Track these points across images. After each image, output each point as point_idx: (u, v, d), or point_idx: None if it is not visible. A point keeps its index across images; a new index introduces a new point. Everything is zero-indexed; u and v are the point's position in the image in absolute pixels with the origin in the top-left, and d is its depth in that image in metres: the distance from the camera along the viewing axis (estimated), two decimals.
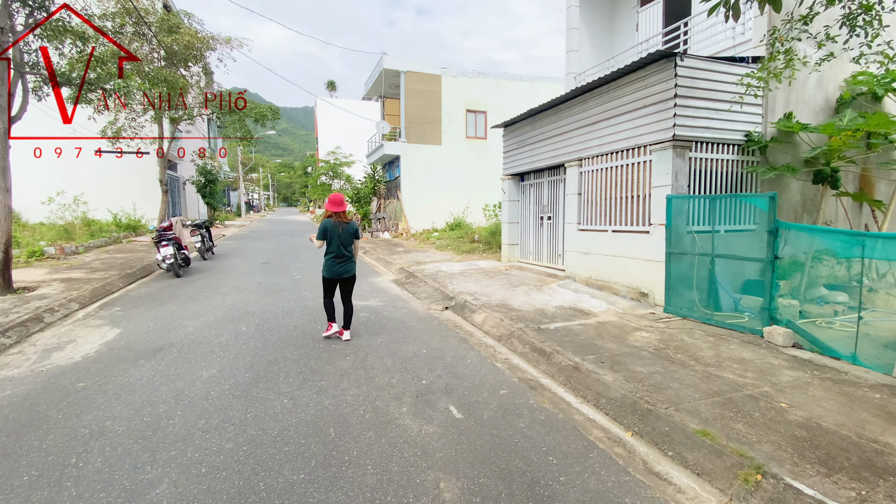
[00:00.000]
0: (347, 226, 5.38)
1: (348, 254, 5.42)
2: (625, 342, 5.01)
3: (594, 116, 7.72)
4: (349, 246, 5.42)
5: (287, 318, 6.39)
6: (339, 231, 5.31)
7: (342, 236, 5.32)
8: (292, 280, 9.36)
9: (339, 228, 5.30)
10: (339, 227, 5.31)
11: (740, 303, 6.40)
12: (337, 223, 5.30)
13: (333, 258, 5.38)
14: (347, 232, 5.37)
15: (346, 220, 5.39)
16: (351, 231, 5.40)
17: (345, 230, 5.35)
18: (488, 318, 6.05)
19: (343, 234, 5.33)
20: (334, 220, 5.31)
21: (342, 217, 5.37)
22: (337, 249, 5.34)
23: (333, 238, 5.30)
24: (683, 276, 6.31)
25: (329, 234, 5.30)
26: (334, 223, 5.30)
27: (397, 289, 8.66)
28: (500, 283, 8.51)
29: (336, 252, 5.35)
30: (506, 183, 11.02)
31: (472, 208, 20.69)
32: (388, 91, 22.94)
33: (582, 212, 8.24)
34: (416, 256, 12.80)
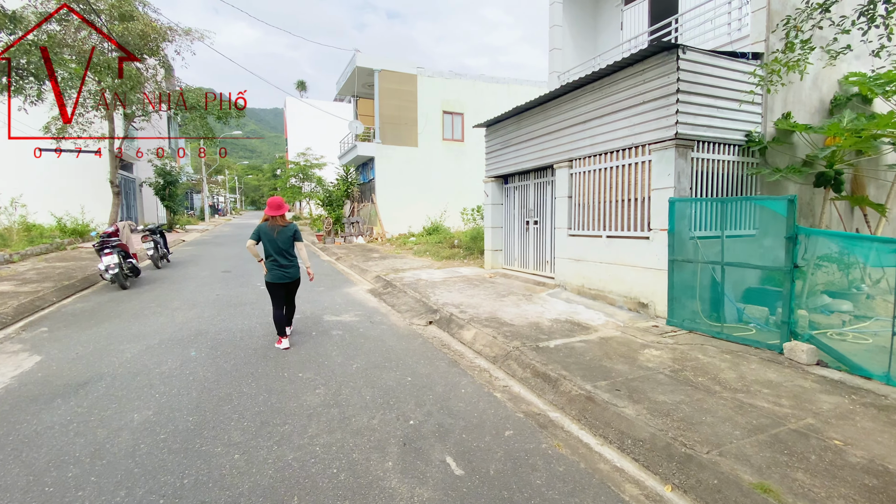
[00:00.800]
0: (285, 229, 5.23)
1: (289, 257, 5.28)
2: (636, 363, 4.44)
3: (586, 114, 7.22)
4: (288, 249, 5.27)
5: (246, 338, 5.53)
6: (275, 235, 5.17)
7: (279, 240, 5.17)
8: (255, 291, 8.44)
9: (274, 232, 5.17)
10: (275, 231, 5.18)
11: (744, 313, 6.00)
12: (272, 226, 5.18)
13: (272, 262, 5.24)
14: (285, 235, 5.22)
15: (283, 224, 5.24)
16: (289, 234, 5.25)
17: (281, 233, 5.19)
18: (479, 335, 5.39)
19: (280, 237, 5.18)
20: (270, 224, 5.19)
21: (279, 221, 5.22)
22: (275, 253, 5.21)
23: (270, 242, 5.17)
24: (688, 286, 5.84)
25: (263, 238, 5.18)
26: (270, 226, 5.18)
27: (374, 300, 7.89)
28: (486, 292, 7.87)
29: (274, 256, 5.22)
30: (488, 185, 10.43)
31: (449, 212, 20.06)
32: (362, 91, 22.08)
33: (573, 216, 7.71)
34: (393, 263, 12.02)
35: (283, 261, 5.24)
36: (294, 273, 5.34)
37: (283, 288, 5.32)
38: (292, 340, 5.42)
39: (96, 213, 17.90)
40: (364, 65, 19.24)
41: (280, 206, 5.30)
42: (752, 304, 6.05)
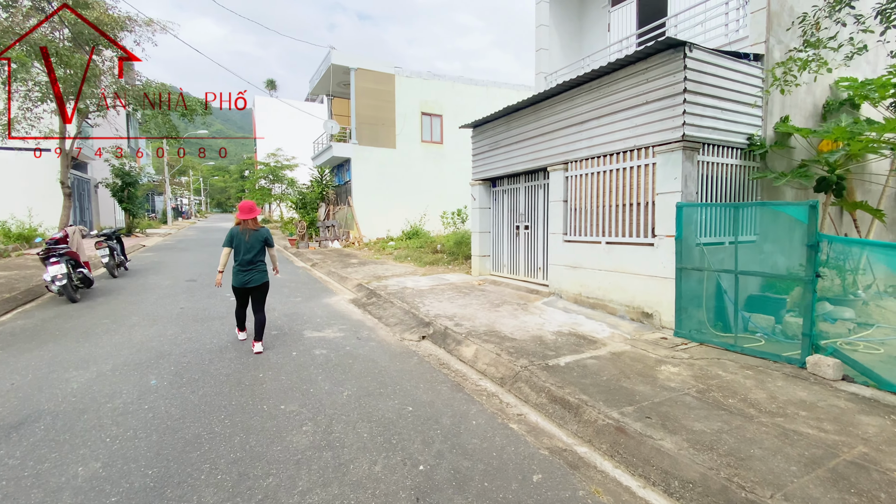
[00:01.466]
0: (256, 233, 5.21)
1: (255, 262, 5.23)
2: (656, 382, 4.08)
3: (583, 115, 6.89)
4: (257, 254, 5.23)
5: (217, 360, 4.86)
6: (246, 238, 5.16)
7: (249, 244, 5.16)
8: (225, 303, 7.68)
9: (245, 236, 5.16)
10: (247, 235, 5.17)
11: (749, 321, 5.78)
12: (244, 230, 5.18)
13: (239, 266, 5.20)
14: (256, 239, 5.20)
15: (254, 228, 5.23)
16: (260, 238, 5.23)
17: (252, 237, 5.18)
18: (481, 353, 4.91)
19: (251, 241, 5.17)
20: (241, 228, 5.18)
21: (250, 224, 5.22)
22: (243, 258, 5.16)
23: (240, 245, 5.15)
24: (694, 295, 5.56)
25: (235, 242, 5.16)
26: (241, 230, 5.17)
27: (358, 312, 7.29)
28: (478, 302, 7.41)
29: (241, 260, 5.17)
30: (476, 189, 10.00)
31: (429, 216, 19.56)
32: (337, 89, 21.33)
33: (569, 221, 7.37)
34: (374, 269, 11.41)
35: (250, 266, 5.20)
36: (260, 278, 5.26)
37: (249, 293, 5.33)
38: (270, 363, 4.79)
39: (46, 216, 16.45)
40: (340, 62, 18.54)
41: (252, 209, 5.24)
42: (754, 313, 5.84)
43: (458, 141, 21.31)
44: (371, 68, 19.17)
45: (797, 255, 5.70)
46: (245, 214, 5.18)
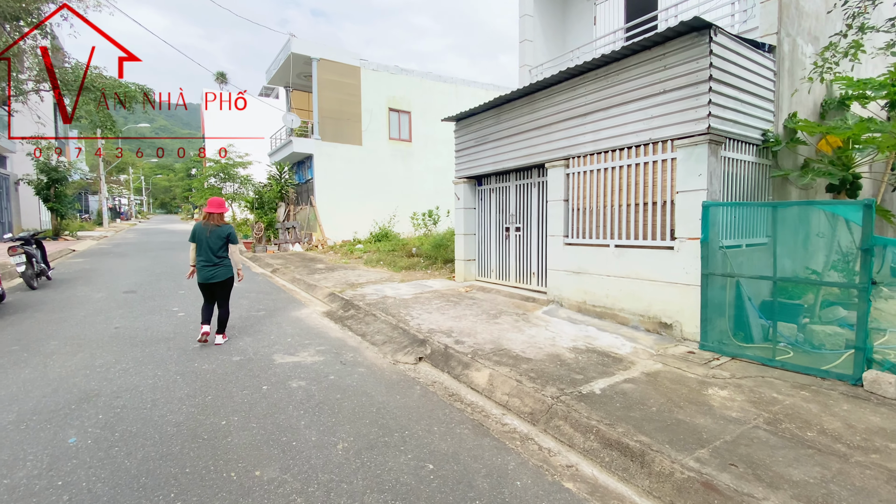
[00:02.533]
0: (218, 229, 5.30)
1: (217, 258, 5.29)
2: (713, 411, 3.46)
3: (587, 106, 6.29)
4: (218, 250, 5.29)
5: (163, 401, 3.77)
6: (208, 234, 5.24)
7: (210, 239, 5.24)
8: (172, 321, 6.46)
9: (207, 231, 5.25)
10: (208, 231, 5.26)
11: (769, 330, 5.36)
12: (206, 225, 5.27)
13: (202, 262, 5.27)
14: (217, 235, 5.27)
15: (216, 224, 5.32)
16: (221, 235, 5.30)
17: (213, 233, 5.26)
18: (496, 379, 4.12)
19: (212, 237, 5.25)
20: (204, 223, 5.28)
21: (214, 219, 5.32)
22: (205, 253, 5.25)
23: (202, 241, 5.24)
24: (720, 304, 5.06)
25: (198, 237, 5.26)
26: (204, 225, 5.27)
27: (336, 328, 6.30)
28: (472, 312, 6.62)
29: (204, 256, 5.25)
30: (459, 187, 9.22)
31: (399, 217, 18.60)
32: (297, 81, 19.91)
33: (570, 222, 6.74)
34: (344, 275, 10.36)
35: (213, 260, 5.25)
36: (223, 274, 5.32)
37: (212, 288, 5.35)
38: (235, 402, 3.77)
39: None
40: (301, 51, 17.21)
41: (220, 205, 5.35)
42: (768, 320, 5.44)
43: (427, 139, 20.51)
44: (335, 59, 17.96)
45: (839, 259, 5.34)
46: (213, 208, 5.32)
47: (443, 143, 20.96)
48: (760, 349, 4.92)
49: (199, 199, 36.69)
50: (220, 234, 5.28)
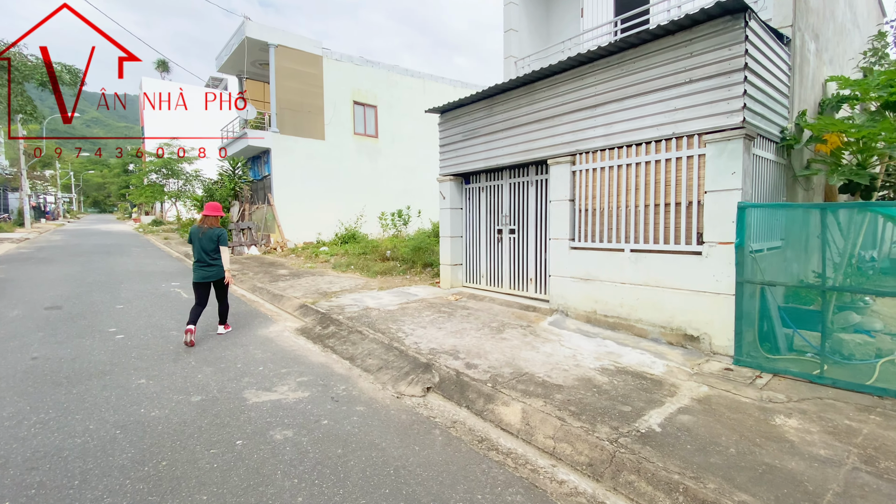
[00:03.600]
0: (210, 231, 5.55)
1: (209, 259, 5.54)
2: (796, 449, 2.93)
3: (598, 97, 5.72)
4: (211, 251, 5.55)
5: (96, 477, 2.74)
6: (201, 236, 5.51)
7: (203, 241, 5.51)
8: (108, 346, 5.25)
9: (200, 233, 5.52)
10: (201, 232, 5.53)
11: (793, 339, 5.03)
12: (200, 227, 5.56)
13: (196, 262, 5.55)
14: (208, 237, 5.54)
15: (209, 226, 5.58)
16: (212, 237, 5.55)
17: (206, 235, 5.53)
18: (532, 416, 3.40)
19: (204, 238, 5.52)
20: (199, 225, 5.60)
21: (208, 222, 5.59)
22: (198, 254, 5.53)
23: (195, 243, 5.52)
24: (753, 314, 4.63)
25: (193, 239, 5.54)
26: (198, 227, 5.57)
27: (316, 350, 5.34)
28: (471, 325, 5.89)
29: (197, 257, 5.53)
30: (445, 185, 8.45)
31: (366, 217, 17.54)
32: (252, 70, 18.32)
33: (578, 224, 6.16)
34: (314, 282, 9.31)
35: (207, 260, 5.55)
36: (217, 273, 5.63)
37: (207, 287, 5.66)
38: (200, 468, 2.81)
39: None
40: (256, 36, 15.74)
41: (216, 209, 5.64)
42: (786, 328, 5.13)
43: (395, 135, 19.56)
44: (295, 46, 16.61)
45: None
46: (209, 211, 5.61)
47: (411, 139, 20.11)
48: (792, 362, 4.53)
49: (137, 197, 33.60)
50: (212, 236, 5.57)
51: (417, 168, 20.28)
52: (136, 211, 48.73)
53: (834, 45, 7.62)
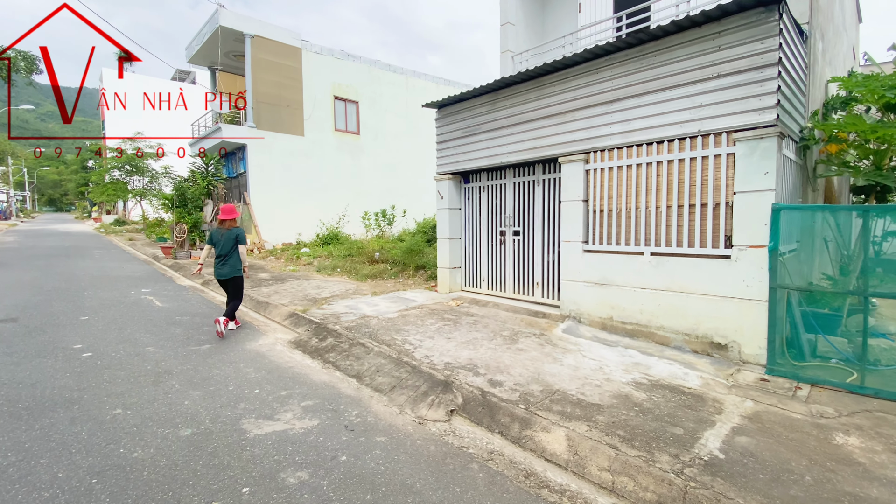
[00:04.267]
0: (229, 232, 6.00)
1: (231, 257, 5.95)
2: (870, 473, 2.68)
3: (615, 92, 5.42)
4: (230, 250, 5.96)
5: None
6: (221, 237, 5.98)
7: (223, 241, 5.95)
8: (74, 366, 4.58)
9: (220, 234, 6.00)
10: (221, 234, 6.00)
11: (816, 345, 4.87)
12: (220, 229, 6.04)
13: (217, 259, 5.97)
14: (228, 237, 5.98)
15: (229, 227, 6.05)
16: (231, 237, 5.99)
17: (225, 236, 5.98)
18: (579, 443, 3.04)
19: (224, 238, 5.97)
20: (218, 228, 6.07)
21: (227, 224, 6.06)
22: (219, 252, 5.96)
23: (218, 242, 5.97)
24: (782, 320, 4.43)
25: (215, 239, 6.00)
26: (218, 229, 6.06)
27: (316, 366, 4.83)
28: (482, 334, 5.49)
29: (218, 254, 5.96)
30: (443, 184, 8.02)
31: (349, 217, 16.90)
32: (226, 62, 17.35)
33: (592, 226, 5.85)
34: (300, 287, 8.71)
35: (225, 260, 5.92)
36: (233, 270, 5.97)
37: (226, 284, 6.03)
38: None
39: None
40: (231, 26, 14.85)
41: (232, 211, 6.08)
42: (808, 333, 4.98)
43: (377, 132, 18.97)
44: (272, 37, 15.79)
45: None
46: (226, 215, 6.02)
47: (394, 137, 19.56)
48: (819, 369, 4.36)
49: (98, 196, 31.63)
50: (231, 236, 5.98)
51: (400, 166, 19.76)
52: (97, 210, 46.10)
53: (833, 47, 7.61)
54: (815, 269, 5.91)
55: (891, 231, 4.75)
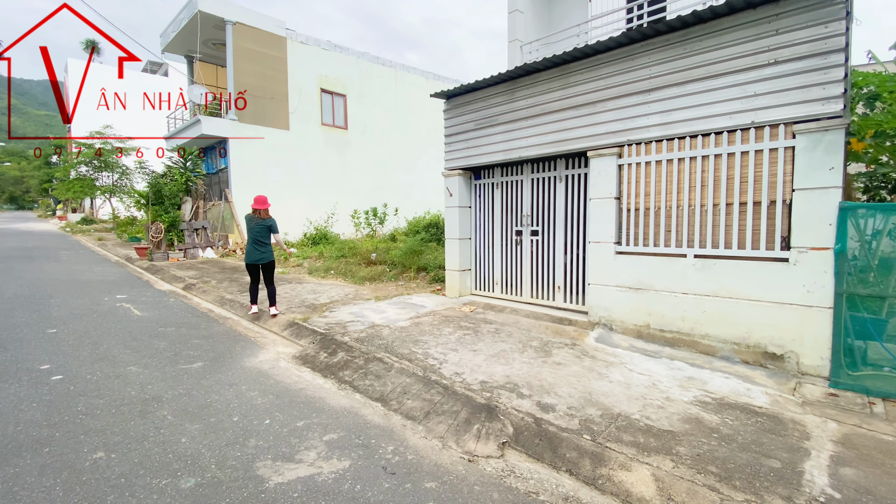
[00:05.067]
0: (262, 221, 6.39)
1: (263, 244, 6.39)
2: None
3: (654, 80, 4.99)
4: (264, 238, 6.41)
5: None
6: (254, 224, 6.35)
7: (256, 229, 6.35)
8: (41, 392, 3.86)
9: (253, 222, 6.35)
10: (254, 222, 6.35)
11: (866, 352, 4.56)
12: (253, 217, 6.39)
13: (251, 246, 6.37)
14: (262, 226, 6.37)
15: (262, 217, 6.41)
16: (265, 226, 6.40)
17: (259, 224, 6.36)
18: (670, 485, 2.56)
19: (257, 227, 6.35)
20: (252, 215, 6.42)
21: (260, 213, 6.41)
22: (252, 238, 6.36)
23: (251, 230, 6.35)
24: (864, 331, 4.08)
25: (248, 225, 6.36)
26: (251, 217, 6.41)
27: (332, 388, 4.23)
28: (509, 345, 4.99)
29: (252, 240, 6.36)
30: (452, 181, 7.47)
31: (338, 215, 16.15)
32: (205, 51, 16.34)
33: (625, 226, 5.42)
34: (294, 292, 8.05)
35: (258, 247, 6.38)
36: (266, 257, 6.43)
37: (258, 268, 6.50)
38: None
39: None
40: (211, 11, 13.91)
41: (264, 202, 6.46)
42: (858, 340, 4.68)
43: (365, 127, 18.24)
44: (255, 25, 14.89)
45: None
46: (259, 205, 6.40)
47: (382, 132, 18.87)
48: (875, 378, 4.02)
49: (63, 193, 29.81)
50: (264, 224, 6.35)
51: (389, 163, 19.10)
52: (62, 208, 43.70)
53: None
54: None
55: None
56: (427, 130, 20.44)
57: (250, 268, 6.47)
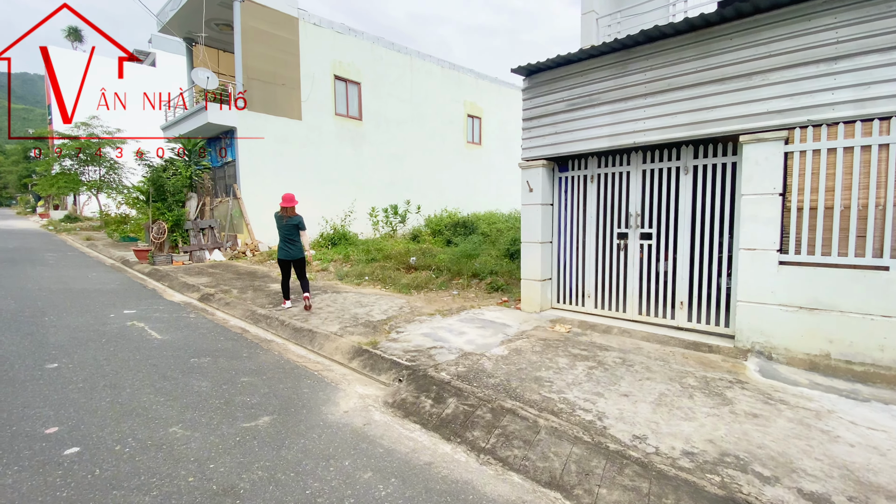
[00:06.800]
0: (291, 219, 6.56)
1: (293, 241, 6.60)
2: None
3: (841, 44, 3.89)
4: (292, 235, 6.60)
5: None
6: (284, 222, 6.56)
7: (284, 227, 6.56)
8: (53, 481, 2.61)
9: (283, 220, 6.56)
10: (284, 220, 6.56)
11: None
12: (282, 215, 6.57)
13: (282, 242, 6.64)
14: (290, 224, 6.55)
15: (290, 214, 6.56)
16: (293, 224, 6.57)
17: (288, 221, 6.55)
18: None
19: (286, 224, 6.55)
20: (281, 213, 6.58)
21: (289, 211, 6.54)
22: (283, 236, 6.61)
23: (280, 228, 6.58)
24: None
25: (278, 223, 6.58)
26: (280, 215, 6.58)
27: (470, 462, 3.05)
28: (662, 385, 3.86)
29: (283, 237, 6.62)
30: (533, 173, 6.30)
31: (356, 213, 14.88)
32: (211, 34, 14.87)
33: (795, 229, 4.32)
34: (337, 304, 6.83)
35: (288, 244, 6.61)
36: (296, 253, 6.63)
37: (289, 264, 6.71)
38: None
39: None
40: None
41: (292, 199, 6.54)
42: None
43: (380, 118, 16.94)
44: (266, 3, 13.47)
45: None
46: (287, 203, 6.49)
47: (397, 124, 17.58)
48: None
49: (45, 189, 27.90)
50: (293, 222, 6.54)
51: (405, 157, 17.84)
52: (43, 205, 41.44)
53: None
54: None
55: None
56: (442, 123, 19.23)
57: (282, 263, 6.70)
